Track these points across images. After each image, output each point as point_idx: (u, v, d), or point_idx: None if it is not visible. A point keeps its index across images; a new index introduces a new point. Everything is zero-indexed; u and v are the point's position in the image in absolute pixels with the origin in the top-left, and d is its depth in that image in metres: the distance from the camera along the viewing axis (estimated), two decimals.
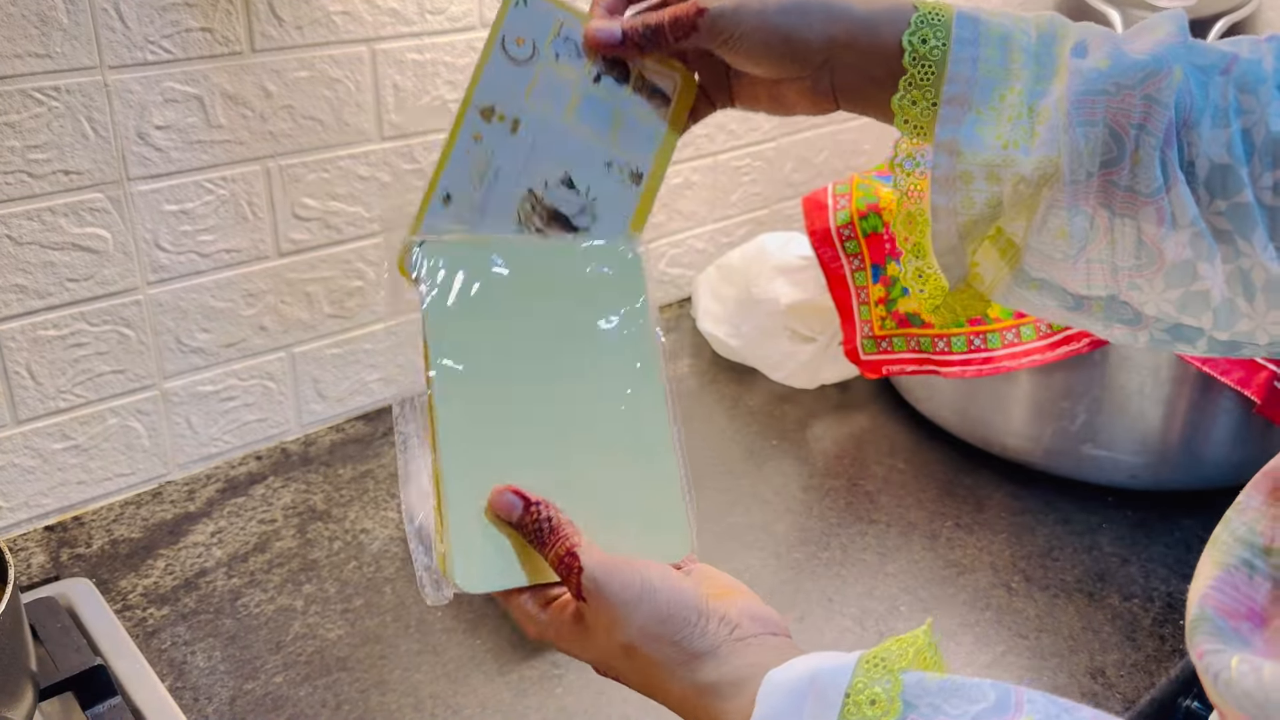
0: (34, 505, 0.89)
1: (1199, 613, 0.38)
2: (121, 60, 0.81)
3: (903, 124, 0.52)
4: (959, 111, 0.50)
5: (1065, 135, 0.48)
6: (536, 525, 0.49)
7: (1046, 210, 0.50)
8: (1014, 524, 0.94)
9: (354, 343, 1.03)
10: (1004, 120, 0.49)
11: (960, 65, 0.50)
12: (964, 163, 0.50)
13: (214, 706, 0.73)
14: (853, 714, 0.40)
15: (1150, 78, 0.48)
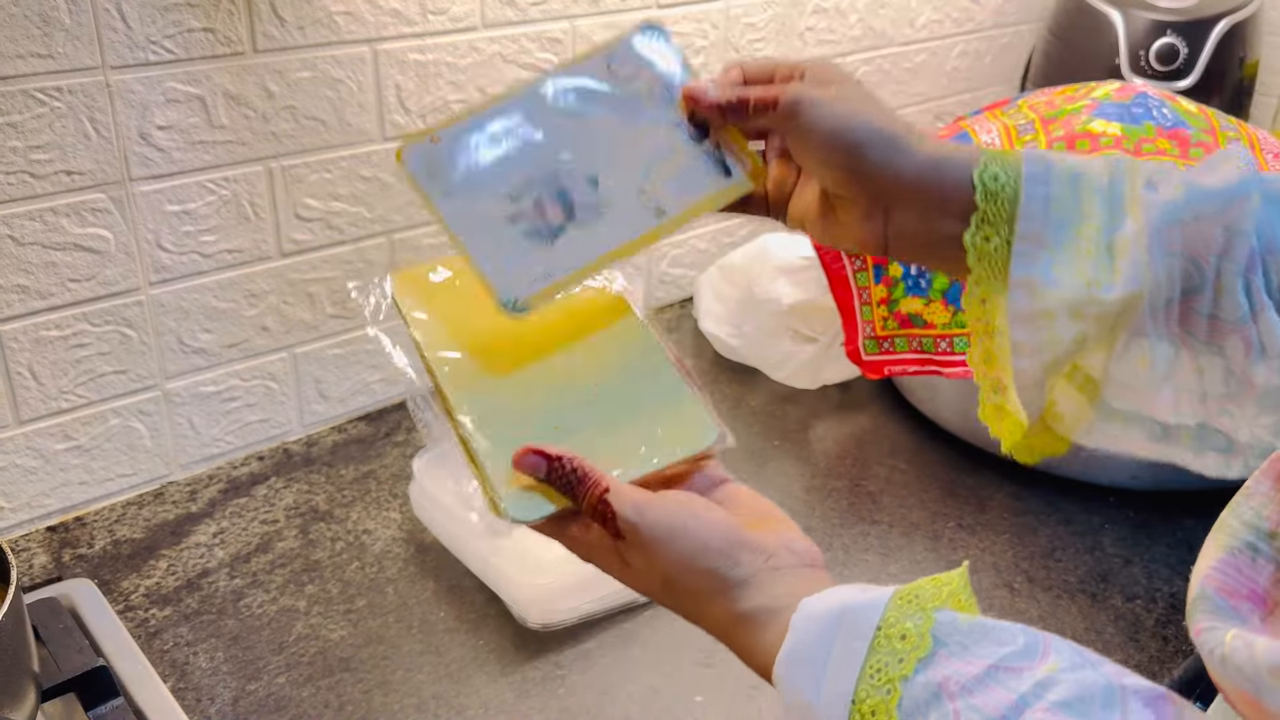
0: (36, 506, 0.88)
1: (1199, 592, 0.39)
2: (123, 60, 0.81)
3: (975, 261, 0.52)
4: (1034, 249, 0.50)
5: (1148, 270, 0.48)
6: (564, 479, 0.50)
7: (1128, 340, 0.50)
8: (1016, 524, 0.94)
9: (356, 343, 1.03)
10: (1083, 257, 0.50)
11: (1033, 203, 0.50)
12: (1044, 300, 0.50)
13: (216, 707, 0.73)
14: (883, 646, 0.41)
15: (1228, 206, 0.48)
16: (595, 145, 0.54)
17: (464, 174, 0.52)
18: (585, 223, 0.53)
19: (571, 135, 0.54)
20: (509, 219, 0.52)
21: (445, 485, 0.85)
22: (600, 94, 0.55)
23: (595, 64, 0.56)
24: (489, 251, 0.51)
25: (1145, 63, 1.33)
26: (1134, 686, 0.38)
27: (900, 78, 1.45)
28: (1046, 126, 1.00)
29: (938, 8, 1.44)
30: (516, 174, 0.53)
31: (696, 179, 0.55)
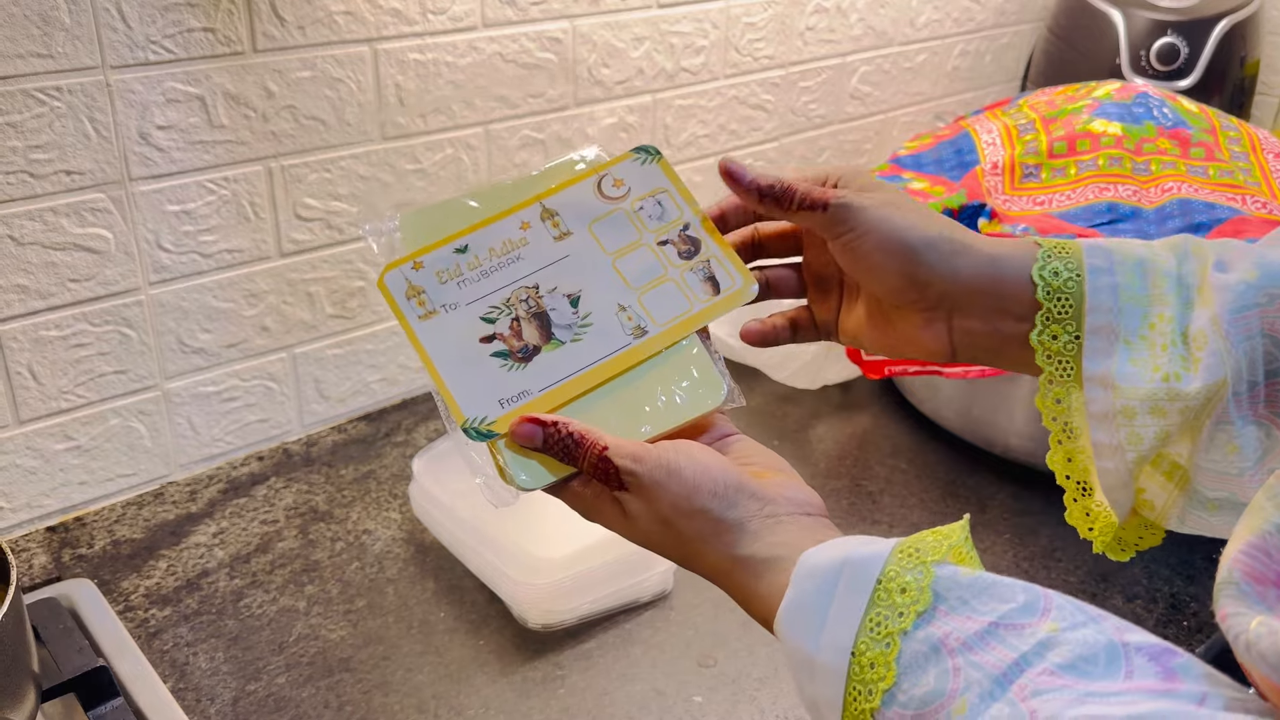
0: (36, 506, 0.88)
1: (1226, 575, 0.37)
2: (123, 60, 0.81)
3: (1044, 360, 0.50)
4: (1107, 343, 0.49)
5: (1228, 357, 0.47)
6: (561, 444, 0.49)
7: (1213, 429, 0.48)
8: (1016, 525, 0.94)
9: (355, 343, 1.03)
10: (1157, 350, 0.48)
11: (1100, 294, 0.49)
12: (1122, 397, 0.49)
13: (216, 707, 0.73)
14: (882, 600, 0.41)
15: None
16: (579, 265, 0.54)
17: (442, 297, 0.53)
18: (562, 343, 0.53)
19: (555, 255, 0.54)
20: (482, 340, 0.52)
21: (445, 485, 0.85)
22: (587, 214, 0.56)
23: (584, 186, 0.57)
24: (458, 373, 0.51)
25: (1146, 62, 1.33)
26: (1136, 643, 0.38)
27: (901, 77, 1.45)
28: (1047, 126, 1.00)
29: (938, 7, 1.44)
30: (496, 296, 0.53)
31: (682, 297, 0.54)
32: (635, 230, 0.56)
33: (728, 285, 0.55)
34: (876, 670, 0.40)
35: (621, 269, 0.55)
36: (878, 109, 1.44)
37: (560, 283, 0.54)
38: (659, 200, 0.57)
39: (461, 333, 0.52)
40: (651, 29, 1.14)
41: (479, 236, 0.54)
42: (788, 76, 1.30)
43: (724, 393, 0.53)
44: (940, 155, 1.06)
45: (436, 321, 0.52)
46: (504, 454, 0.50)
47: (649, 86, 1.16)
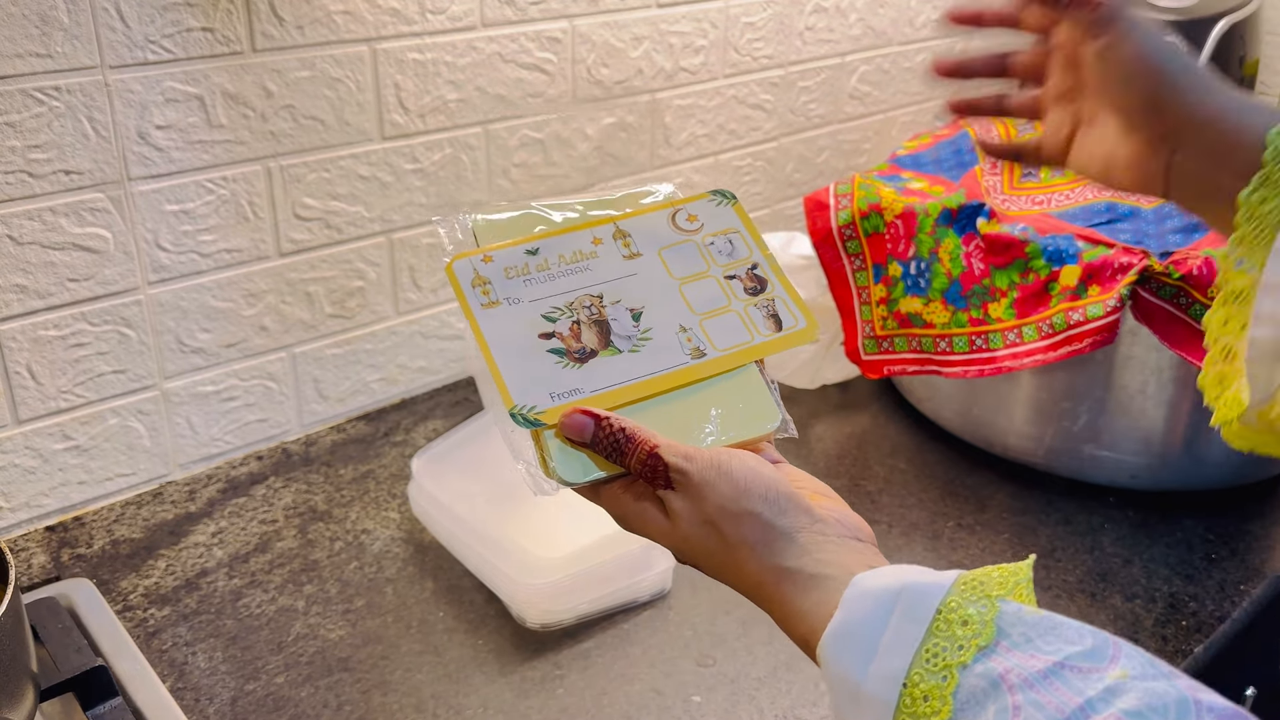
0: (35, 505, 0.88)
1: None
2: (122, 60, 0.81)
3: (1244, 219, 0.50)
4: None
5: None
6: (612, 438, 0.49)
7: None
8: (1016, 524, 0.94)
9: (355, 343, 1.03)
10: None
11: None
12: None
13: (215, 707, 0.73)
14: (941, 630, 0.40)
15: None
16: (645, 283, 0.56)
17: (507, 291, 0.54)
18: (620, 351, 0.54)
19: (623, 271, 0.56)
20: (540, 336, 0.53)
21: (445, 485, 0.85)
22: (659, 240, 0.57)
23: (659, 216, 0.58)
24: (513, 362, 0.52)
25: None
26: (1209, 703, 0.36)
27: (900, 77, 1.45)
28: None
29: (937, 7, 1.44)
30: (560, 298, 0.54)
31: (744, 329, 0.56)
32: (704, 262, 0.57)
33: (790, 324, 0.56)
34: (930, 703, 0.39)
35: (687, 294, 0.56)
36: (877, 109, 1.44)
37: (624, 297, 0.55)
38: (730, 239, 0.58)
39: (521, 326, 0.53)
40: (650, 29, 1.14)
41: (551, 243, 0.56)
42: (787, 76, 1.30)
43: (778, 420, 0.53)
44: (939, 155, 1.06)
45: (498, 311, 0.53)
46: (549, 445, 0.51)
47: (648, 86, 1.16)
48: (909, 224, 0.97)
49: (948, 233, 0.95)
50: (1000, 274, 0.91)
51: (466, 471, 0.87)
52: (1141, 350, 0.90)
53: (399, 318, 1.06)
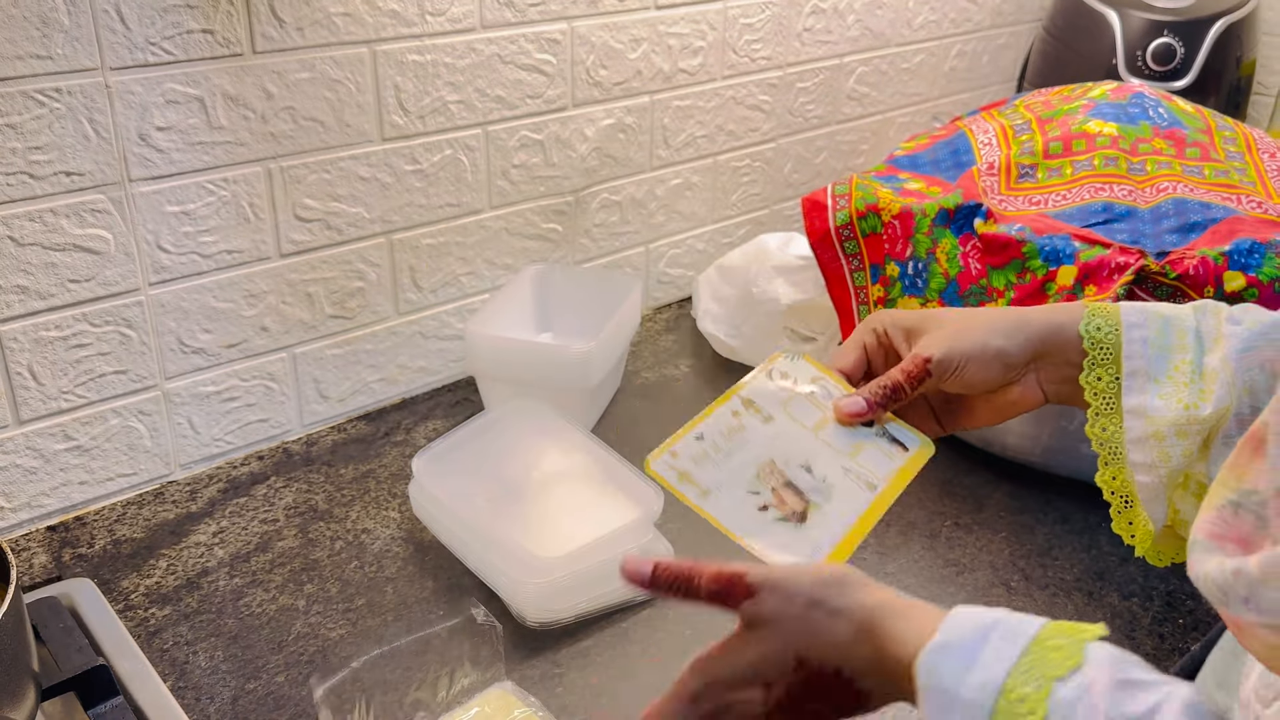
0: (36, 505, 0.89)
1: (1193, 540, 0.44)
2: (123, 62, 0.81)
3: (1091, 396, 0.62)
4: (1141, 382, 0.61)
5: (1233, 387, 0.58)
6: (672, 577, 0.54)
7: (1221, 445, 0.59)
8: (1013, 523, 0.94)
9: (355, 343, 1.04)
10: (1180, 386, 0.60)
11: (1134, 345, 0.61)
12: (1153, 424, 0.60)
13: (216, 706, 0.73)
14: (1035, 651, 0.44)
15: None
16: (794, 440, 0.64)
17: (708, 476, 0.62)
18: (820, 504, 0.61)
19: (772, 435, 0.64)
20: (760, 509, 0.61)
21: (445, 484, 0.86)
22: (776, 400, 0.65)
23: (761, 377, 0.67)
24: (765, 540, 0.60)
25: (1142, 62, 1.34)
26: None
27: (898, 78, 1.45)
28: (1043, 126, 1.01)
29: (935, 8, 1.45)
30: (747, 470, 0.62)
31: (885, 457, 0.65)
32: (818, 409, 0.65)
33: (913, 444, 0.66)
34: (1026, 704, 0.43)
35: (826, 440, 0.64)
36: (875, 110, 1.45)
37: (790, 456, 0.63)
38: (822, 385, 0.66)
39: (740, 505, 0.61)
40: (649, 30, 1.14)
41: (705, 427, 0.64)
42: (785, 77, 1.31)
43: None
44: (936, 156, 1.06)
45: (714, 499, 0.61)
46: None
47: (647, 88, 1.17)
48: (906, 224, 0.97)
49: (945, 233, 0.95)
50: (997, 274, 0.92)
51: (466, 471, 0.88)
52: None
53: (399, 318, 1.06)
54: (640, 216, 1.24)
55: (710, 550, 0.91)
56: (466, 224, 1.07)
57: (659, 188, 1.24)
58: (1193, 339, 0.61)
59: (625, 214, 1.22)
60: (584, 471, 0.89)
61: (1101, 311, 0.63)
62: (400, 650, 0.72)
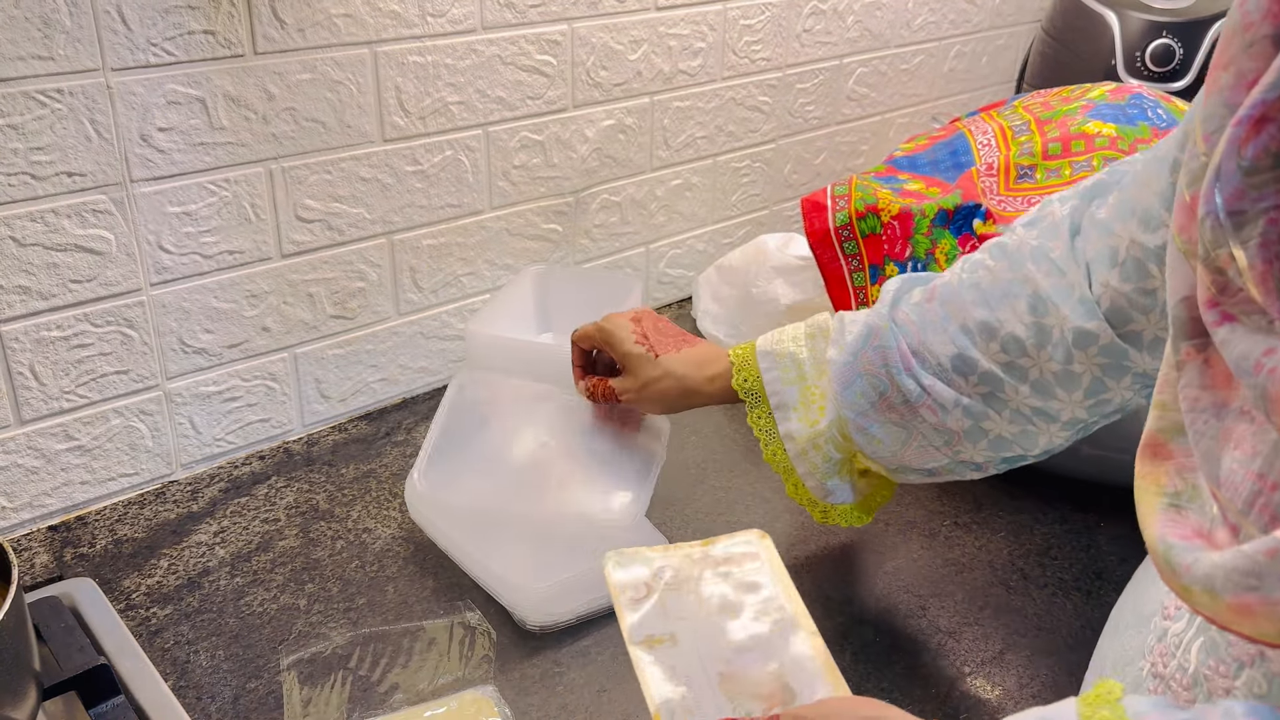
0: (38, 505, 0.89)
1: (1167, 544, 0.45)
2: (124, 62, 0.81)
3: (760, 432, 0.81)
4: (783, 412, 0.80)
5: (838, 399, 0.76)
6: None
7: (861, 436, 0.76)
8: (1012, 523, 0.94)
9: (356, 343, 1.04)
10: (809, 409, 0.79)
11: (771, 384, 0.80)
12: (797, 443, 0.79)
13: (217, 705, 0.73)
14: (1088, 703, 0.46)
15: (869, 337, 0.75)
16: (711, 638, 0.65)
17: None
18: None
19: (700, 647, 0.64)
20: None
21: (442, 491, 0.86)
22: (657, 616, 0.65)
23: (626, 611, 0.66)
24: None
25: (1141, 64, 1.34)
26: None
27: (897, 79, 1.45)
28: (1042, 127, 1.01)
29: (934, 9, 1.45)
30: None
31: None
32: (694, 594, 0.67)
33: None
34: None
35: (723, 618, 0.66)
36: (874, 110, 1.45)
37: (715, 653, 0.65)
38: (671, 566, 0.69)
39: None
40: (649, 31, 1.14)
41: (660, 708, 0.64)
42: (785, 78, 1.31)
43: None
44: (936, 156, 1.07)
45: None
46: None
47: (647, 89, 1.17)
48: (905, 225, 0.97)
49: (944, 233, 0.95)
50: None
51: (463, 477, 0.88)
52: None
53: (400, 318, 1.06)
54: (640, 217, 1.24)
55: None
56: (467, 224, 1.07)
57: (659, 188, 1.24)
58: (809, 370, 0.79)
59: (625, 214, 1.22)
60: (569, 438, 0.90)
61: (744, 366, 0.81)
62: (387, 634, 0.73)
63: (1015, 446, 0.74)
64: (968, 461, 0.76)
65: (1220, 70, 0.43)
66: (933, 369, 0.73)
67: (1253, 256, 0.40)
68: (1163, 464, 0.48)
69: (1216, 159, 0.41)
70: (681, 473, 1.00)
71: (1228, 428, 0.43)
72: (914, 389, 0.73)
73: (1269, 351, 0.40)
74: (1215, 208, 0.41)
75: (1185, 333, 0.46)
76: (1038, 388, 0.70)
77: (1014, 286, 0.70)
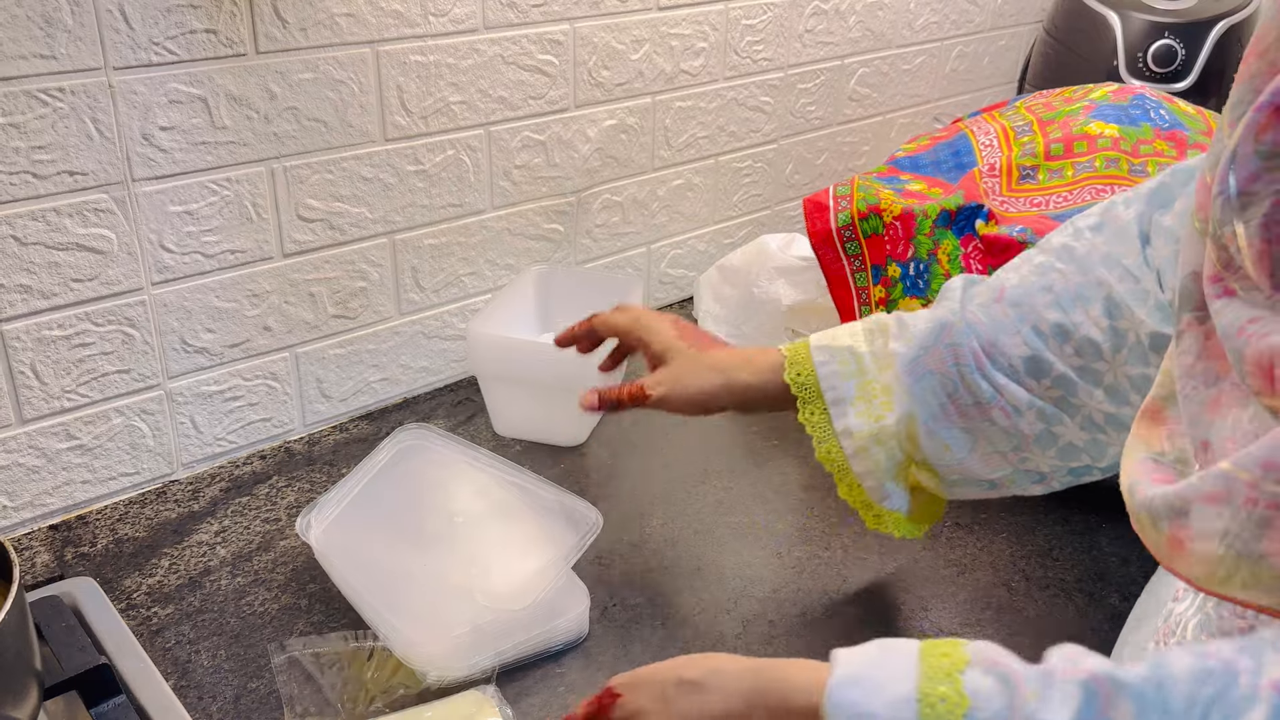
0: (39, 505, 0.89)
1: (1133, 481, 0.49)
2: (126, 61, 0.81)
3: (812, 429, 0.75)
4: (841, 408, 0.74)
5: (907, 394, 0.72)
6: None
7: (928, 440, 0.73)
8: (1014, 524, 0.94)
9: (357, 343, 1.04)
10: (870, 403, 0.74)
11: (827, 379, 0.74)
12: (858, 440, 0.74)
13: (218, 705, 0.73)
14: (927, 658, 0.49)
15: (941, 333, 0.72)
16: None
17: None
18: None
19: None
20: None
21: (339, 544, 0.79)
22: None
23: None
24: None
25: (1143, 64, 1.34)
26: None
27: (899, 79, 1.45)
28: (1044, 128, 1.01)
29: (936, 9, 1.45)
30: None
31: None
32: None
33: None
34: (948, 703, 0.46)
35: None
36: (876, 111, 1.45)
37: None
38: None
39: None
40: (651, 31, 1.14)
41: None
42: (786, 79, 1.31)
43: None
44: (938, 157, 1.07)
45: None
46: None
47: (649, 89, 1.17)
48: (908, 225, 0.97)
49: (946, 234, 0.95)
50: None
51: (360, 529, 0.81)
52: None
53: (401, 318, 1.06)
54: (642, 217, 1.24)
55: (719, 556, 0.91)
56: (469, 224, 1.07)
57: (660, 188, 1.24)
58: (870, 362, 0.74)
59: (627, 214, 1.22)
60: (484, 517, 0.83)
61: (797, 361, 0.76)
62: None
63: (1084, 456, 0.71)
64: (1033, 471, 0.73)
65: (1254, 58, 0.44)
66: (1005, 370, 0.70)
67: (1253, 234, 0.42)
68: (1157, 428, 0.50)
69: (1234, 142, 0.43)
70: (682, 473, 1.00)
71: (1216, 395, 0.45)
72: (987, 389, 0.70)
73: (1253, 320, 0.42)
74: (1228, 187, 0.43)
75: (1188, 304, 0.48)
76: (1111, 393, 0.68)
77: (1088, 290, 0.68)
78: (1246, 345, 0.41)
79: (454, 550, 0.80)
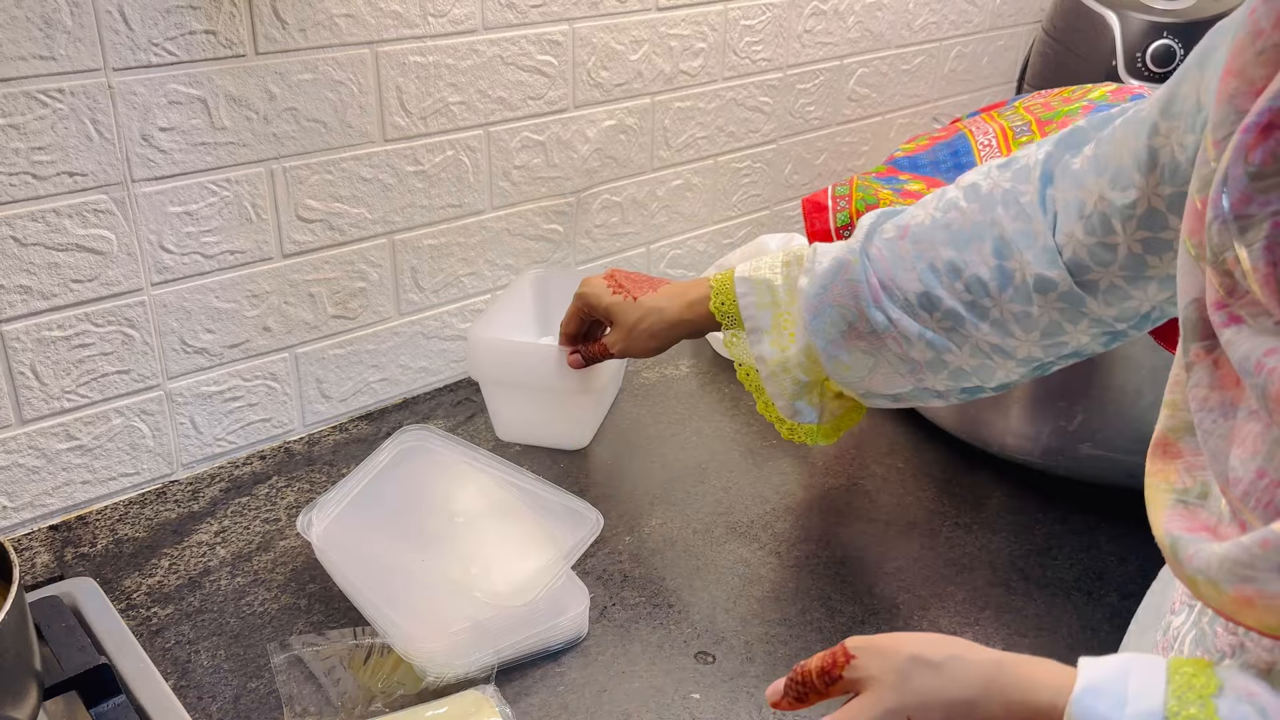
0: (39, 505, 0.89)
1: (1174, 536, 0.46)
2: (125, 62, 0.82)
3: (733, 353, 0.86)
4: (756, 336, 0.83)
5: (809, 327, 0.79)
6: (795, 688, 0.58)
7: (829, 362, 0.80)
8: (1013, 523, 0.94)
9: (357, 343, 1.04)
10: (780, 333, 0.82)
11: (747, 309, 0.83)
12: (769, 366, 0.83)
13: (218, 705, 0.73)
14: (1176, 678, 0.45)
15: (840, 270, 0.77)
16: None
17: None
18: None
19: None
20: None
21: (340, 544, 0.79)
22: None
23: None
24: None
25: (1142, 64, 1.34)
26: None
27: (898, 79, 1.45)
28: (1042, 128, 1.01)
29: (935, 10, 1.45)
30: None
31: None
32: None
33: None
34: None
35: None
36: (875, 111, 1.45)
37: None
38: None
39: None
40: (650, 32, 1.14)
41: None
42: (785, 79, 1.31)
43: None
44: (936, 157, 1.07)
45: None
46: None
47: (648, 89, 1.17)
48: None
49: None
50: None
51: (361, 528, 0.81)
52: (1137, 350, 0.91)
53: (401, 318, 1.06)
54: (641, 217, 1.24)
55: (719, 556, 0.91)
56: (468, 225, 1.07)
57: (660, 188, 1.24)
58: (783, 295, 0.81)
59: (626, 215, 1.22)
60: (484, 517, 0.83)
61: (721, 291, 0.84)
62: None
63: (973, 378, 0.77)
64: (930, 389, 0.79)
65: (1231, 77, 0.44)
66: (900, 303, 0.76)
67: (1256, 259, 0.41)
68: (1172, 462, 0.49)
69: (1224, 164, 0.42)
70: (682, 473, 1.00)
71: (1236, 427, 0.44)
72: (881, 321, 0.76)
73: (1269, 352, 0.41)
74: (1222, 211, 0.42)
75: (1194, 334, 0.47)
76: (997, 326, 0.73)
77: (982, 229, 0.73)
78: (1270, 382, 0.41)
79: (454, 549, 0.80)
